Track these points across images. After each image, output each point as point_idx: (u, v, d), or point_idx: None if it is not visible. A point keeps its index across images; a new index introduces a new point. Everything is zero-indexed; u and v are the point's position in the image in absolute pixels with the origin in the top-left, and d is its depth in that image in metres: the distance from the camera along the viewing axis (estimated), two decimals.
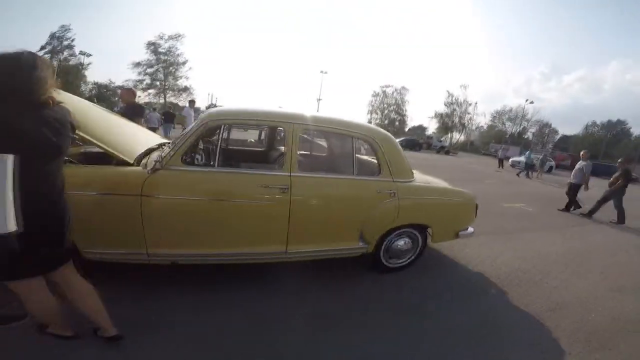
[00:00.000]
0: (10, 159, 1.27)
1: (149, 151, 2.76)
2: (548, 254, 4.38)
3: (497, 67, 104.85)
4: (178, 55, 39.33)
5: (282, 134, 3.04)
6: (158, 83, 38.80)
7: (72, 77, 36.41)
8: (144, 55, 38.28)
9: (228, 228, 2.50)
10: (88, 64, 38.55)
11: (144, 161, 2.47)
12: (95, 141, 2.42)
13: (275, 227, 2.57)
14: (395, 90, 52.27)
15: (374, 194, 2.78)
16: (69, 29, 36.95)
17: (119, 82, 39.06)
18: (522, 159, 23.94)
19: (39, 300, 1.67)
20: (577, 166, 7.85)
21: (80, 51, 37.07)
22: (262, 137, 5.18)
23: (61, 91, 3.26)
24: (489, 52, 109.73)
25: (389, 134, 3.11)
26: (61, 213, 1.62)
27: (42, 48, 35.54)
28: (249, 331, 2.21)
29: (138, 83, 37.88)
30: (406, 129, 55.06)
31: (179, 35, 38.99)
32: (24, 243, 1.38)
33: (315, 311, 2.48)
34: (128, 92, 4.64)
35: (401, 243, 3.08)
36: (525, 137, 51.68)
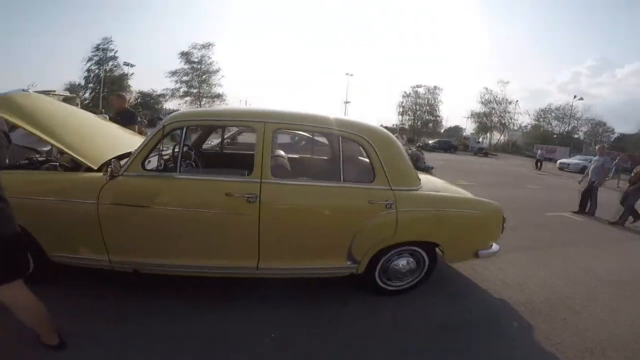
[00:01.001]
0: None
1: (122, 157, 2.55)
2: (595, 275, 3.63)
3: (539, 64, 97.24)
4: (210, 63, 40.90)
5: None
6: (194, 91, 40.49)
7: (117, 87, 39.07)
8: (179, 65, 40.15)
9: (192, 239, 2.24)
10: (131, 74, 41.16)
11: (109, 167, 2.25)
12: (59, 145, 2.33)
13: (244, 240, 2.24)
14: (428, 90, 49.84)
15: (365, 205, 2.34)
16: (111, 41, 39.66)
17: (159, 90, 41.21)
18: (573, 160, 21.96)
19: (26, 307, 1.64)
20: (594, 164, 6.80)
21: (125, 62, 39.68)
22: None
23: (40, 95, 3.24)
24: (529, 47, 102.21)
25: (386, 132, 2.66)
26: None
27: (89, 60, 38.44)
28: (203, 354, 1.91)
29: (175, 91, 39.89)
30: (441, 130, 52.67)
31: (209, 44, 40.55)
32: None
33: (285, 336, 2.10)
34: (118, 99, 4.63)
35: (402, 263, 2.59)
36: (576, 136, 47.35)
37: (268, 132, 2.24)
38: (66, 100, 3.85)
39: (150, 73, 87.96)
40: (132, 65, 39.72)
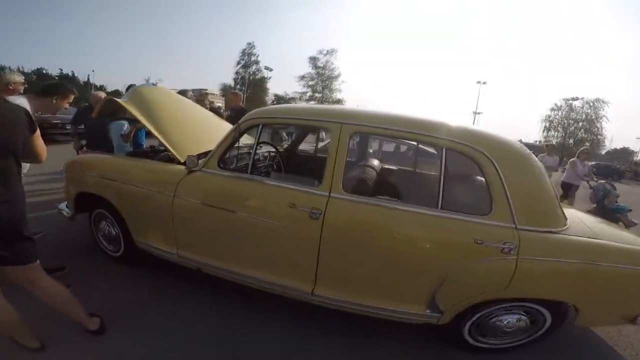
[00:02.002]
0: None
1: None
2: None
3: None
4: (333, 69, 42.70)
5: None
6: (318, 95, 43.16)
7: (258, 89, 44.97)
8: (308, 69, 43.27)
9: (250, 247, 2.02)
10: (269, 78, 46.62)
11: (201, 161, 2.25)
12: (159, 136, 2.45)
13: (301, 260, 1.89)
14: (587, 103, 39.66)
15: (468, 244, 1.67)
16: (254, 46, 45.43)
17: (291, 94, 45.37)
18: None
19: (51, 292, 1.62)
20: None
21: (265, 66, 45.16)
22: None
23: (162, 88, 3.60)
24: None
25: (519, 146, 1.89)
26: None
27: (238, 63, 44.87)
28: None
29: (302, 95, 43.23)
30: (602, 152, 41.50)
31: (333, 50, 42.19)
32: None
33: None
34: (234, 97, 4.87)
35: (510, 320, 1.82)
36: None
37: (344, 135, 1.83)
38: (181, 93, 4.25)
39: (286, 76, 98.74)
40: (270, 69, 44.92)
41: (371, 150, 4.69)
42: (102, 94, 4.10)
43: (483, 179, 1.74)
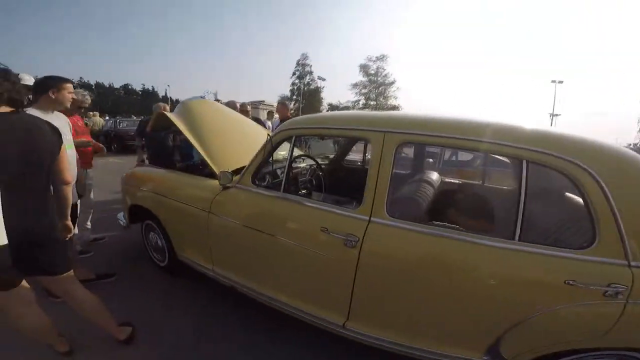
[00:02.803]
0: None
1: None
2: None
3: None
4: (385, 75, 41.58)
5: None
6: (372, 103, 42.45)
7: (313, 99, 45.82)
8: (359, 77, 42.74)
9: (278, 270, 1.86)
10: (323, 87, 47.19)
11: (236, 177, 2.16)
12: (201, 150, 2.43)
13: (332, 289, 1.66)
14: None
15: (557, 286, 1.28)
16: (307, 57, 46.20)
17: (344, 103, 45.34)
18: None
19: (24, 315, 1.58)
20: None
21: (318, 76, 45.83)
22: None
23: (210, 101, 3.61)
24: None
25: (630, 154, 1.41)
26: (34, 224, 1.51)
27: (293, 74, 46.04)
28: None
29: (355, 103, 42.90)
30: None
31: (384, 56, 40.98)
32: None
33: None
34: (282, 107, 4.79)
35: None
36: None
37: (389, 147, 1.53)
38: (228, 104, 4.28)
39: (341, 85, 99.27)
40: (323, 79, 45.51)
41: (431, 160, 4.02)
42: (166, 106, 4.29)
43: (582, 201, 1.33)
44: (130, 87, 62.14)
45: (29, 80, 2.74)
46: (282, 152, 2.24)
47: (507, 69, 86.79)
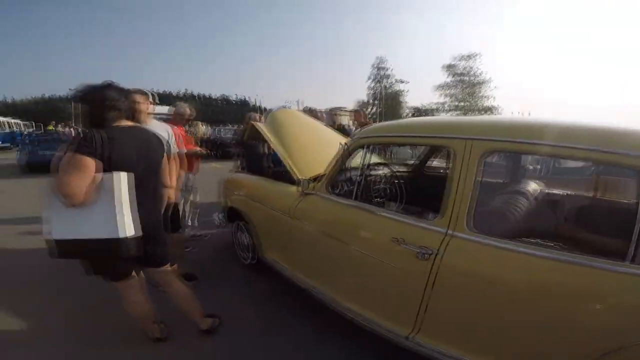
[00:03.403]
0: (128, 175, 1.56)
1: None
2: None
3: None
4: (477, 74, 37.89)
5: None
6: (462, 104, 39.21)
7: (394, 103, 44.58)
8: (444, 78, 39.78)
9: (348, 277, 1.90)
10: (404, 90, 45.49)
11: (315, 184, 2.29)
12: (285, 158, 2.62)
13: (400, 301, 1.62)
14: None
15: None
16: (385, 60, 44.80)
17: (428, 105, 42.78)
18: None
19: (137, 302, 1.84)
20: None
21: (397, 79, 44.30)
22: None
23: (292, 110, 3.83)
24: None
25: None
26: (149, 221, 1.73)
27: (369, 78, 45.17)
28: None
29: (441, 105, 40.19)
30: None
31: (475, 54, 37.33)
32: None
33: None
34: (357, 114, 4.83)
35: None
36: None
37: (473, 156, 1.42)
38: (308, 112, 4.48)
39: (426, 87, 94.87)
40: (404, 82, 43.79)
41: (531, 167, 3.70)
42: (258, 116, 4.72)
43: None
44: (226, 97, 70.27)
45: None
46: (359, 159, 2.28)
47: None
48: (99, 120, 1.62)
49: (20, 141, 18.46)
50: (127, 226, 1.54)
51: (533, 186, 2.27)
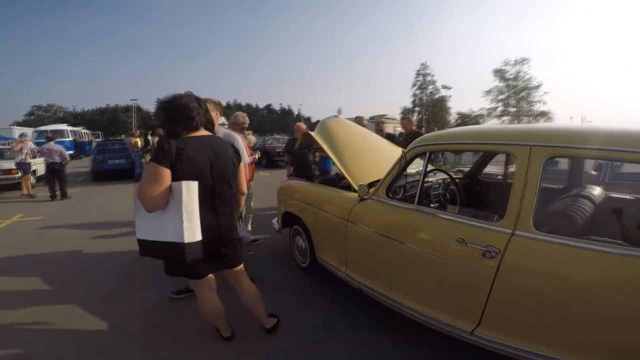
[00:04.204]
0: (195, 184, 1.63)
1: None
2: None
3: None
4: (528, 79, 35.80)
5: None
6: (512, 109, 37.19)
7: (437, 109, 43.34)
8: (493, 83, 38.01)
9: (410, 277, 1.96)
10: (449, 96, 44.08)
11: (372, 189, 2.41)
12: (340, 166, 2.78)
13: (463, 297, 1.66)
14: None
15: None
16: (427, 66, 44.01)
17: (477, 110, 40.94)
18: None
19: (208, 300, 1.94)
20: None
21: (443, 85, 43.10)
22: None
23: (342, 119, 3.96)
24: None
25: None
26: (222, 225, 1.82)
27: (414, 85, 44.70)
28: None
29: (492, 111, 38.34)
30: None
31: (524, 59, 35.55)
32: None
33: None
34: (406, 122, 4.86)
35: None
36: None
37: (536, 161, 1.48)
38: (357, 120, 4.62)
39: (470, 93, 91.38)
40: (449, 88, 42.51)
41: (594, 173, 3.66)
42: (303, 125, 4.97)
43: None
44: (271, 107, 72.40)
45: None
46: (415, 166, 2.37)
47: None
48: (175, 130, 1.70)
49: (90, 151, 20.35)
50: (190, 232, 1.61)
51: (597, 191, 2.32)
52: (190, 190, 1.60)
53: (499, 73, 37.13)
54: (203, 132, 1.80)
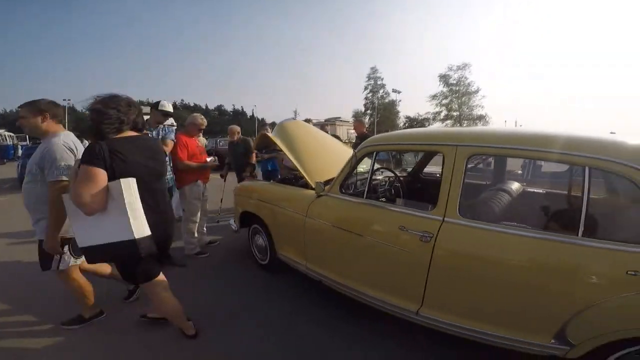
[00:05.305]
0: (134, 180, 1.67)
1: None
2: None
3: None
4: (468, 84, 39.05)
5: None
6: (455, 113, 40.14)
7: (388, 113, 45.35)
8: (438, 88, 40.75)
9: (362, 264, 2.18)
10: (399, 100, 46.36)
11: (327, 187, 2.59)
12: (298, 166, 2.92)
13: (408, 280, 1.91)
14: None
15: (619, 277, 1.37)
16: (377, 70, 45.91)
17: (423, 114, 43.58)
18: None
19: (165, 299, 1.96)
20: None
21: (393, 89, 45.21)
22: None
23: (299, 121, 4.14)
24: None
25: None
26: (167, 219, 1.92)
27: (365, 88, 46.28)
28: None
29: (436, 115, 41.12)
30: None
31: (465, 65, 38.69)
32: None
33: None
34: (357, 124, 5.19)
35: None
36: None
37: (460, 158, 1.79)
38: (307, 120, 4.86)
39: (419, 97, 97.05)
40: (398, 92, 44.68)
41: (520, 172, 4.23)
42: (237, 128, 4.98)
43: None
44: (222, 108, 70.26)
45: (168, 107, 3.45)
46: (365, 165, 2.61)
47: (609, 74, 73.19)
48: (103, 131, 1.70)
49: (13, 156, 17.95)
50: (138, 227, 1.65)
51: (516, 185, 2.75)
52: (130, 188, 1.65)
53: (444, 78, 39.83)
54: (132, 133, 1.84)
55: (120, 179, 1.61)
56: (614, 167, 1.45)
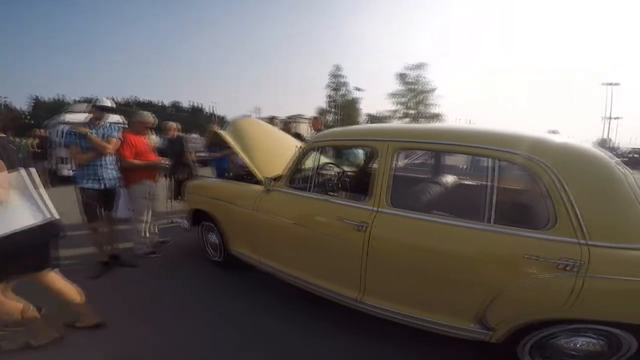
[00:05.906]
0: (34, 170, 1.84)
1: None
2: None
3: None
4: (425, 83, 40.79)
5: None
6: (412, 112, 41.70)
7: (350, 110, 46.07)
8: (396, 87, 42.12)
9: (307, 255, 2.31)
10: (360, 98, 47.20)
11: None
12: (247, 162, 2.96)
13: (347, 268, 2.06)
14: None
15: (518, 260, 1.59)
16: (341, 68, 46.10)
17: (383, 112, 44.75)
18: None
19: (65, 288, 2.02)
20: None
21: (355, 87, 46.01)
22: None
23: (253, 119, 4.18)
24: None
25: (593, 155, 1.71)
26: None
27: (328, 86, 45.99)
28: None
29: (394, 113, 42.48)
30: None
31: (422, 64, 39.95)
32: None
33: None
34: (314, 121, 5.31)
35: (580, 343, 1.61)
36: None
37: (389, 152, 1.96)
38: (270, 120, 4.92)
39: (380, 95, 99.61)
40: (360, 90, 45.51)
41: (464, 166, 4.44)
42: (174, 124, 4.94)
43: (544, 191, 1.63)
44: (179, 104, 66.85)
45: (105, 102, 3.23)
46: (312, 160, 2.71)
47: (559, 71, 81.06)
48: None
49: None
50: (52, 209, 1.83)
51: (446, 177, 2.97)
52: (31, 175, 1.81)
53: (402, 77, 41.12)
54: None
55: (21, 169, 1.77)
56: (513, 157, 1.67)
